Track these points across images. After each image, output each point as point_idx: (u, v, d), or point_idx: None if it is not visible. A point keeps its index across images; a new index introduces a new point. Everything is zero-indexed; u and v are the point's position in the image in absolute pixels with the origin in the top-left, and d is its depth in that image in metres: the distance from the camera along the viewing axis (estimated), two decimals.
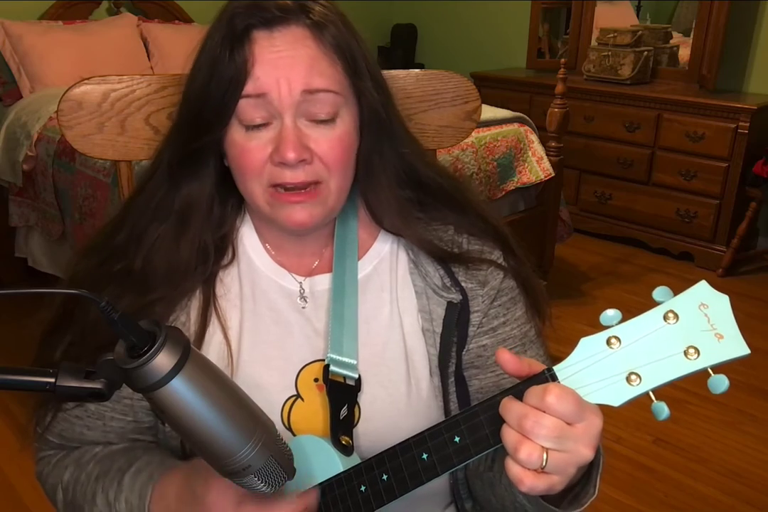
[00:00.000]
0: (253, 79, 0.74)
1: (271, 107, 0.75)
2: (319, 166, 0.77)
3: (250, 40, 0.74)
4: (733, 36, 3.35)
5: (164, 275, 0.81)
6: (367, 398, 0.82)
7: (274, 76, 0.73)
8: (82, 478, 0.83)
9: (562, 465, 0.60)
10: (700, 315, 0.61)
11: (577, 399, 0.61)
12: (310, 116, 0.76)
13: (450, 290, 0.84)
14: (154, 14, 3.55)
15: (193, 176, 0.81)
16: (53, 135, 2.59)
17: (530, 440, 0.59)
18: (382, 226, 0.86)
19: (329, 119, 0.76)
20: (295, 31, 0.75)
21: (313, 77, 0.74)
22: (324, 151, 0.76)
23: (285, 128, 0.75)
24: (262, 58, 0.73)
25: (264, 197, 0.79)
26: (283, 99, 0.74)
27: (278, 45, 0.74)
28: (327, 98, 0.75)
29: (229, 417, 0.58)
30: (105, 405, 0.83)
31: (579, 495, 0.70)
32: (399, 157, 0.84)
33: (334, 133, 0.77)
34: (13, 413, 2.25)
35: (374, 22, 4.67)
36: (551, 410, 0.60)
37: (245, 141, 0.76)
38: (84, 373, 0.56)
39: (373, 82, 0.79)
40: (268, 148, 0.76)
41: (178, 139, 0.80)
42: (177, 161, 0.81)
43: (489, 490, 0.83)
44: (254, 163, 0.76)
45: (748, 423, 2.32)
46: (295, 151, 0.74)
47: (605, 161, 3.62)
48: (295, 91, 0.74)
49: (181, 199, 0.82)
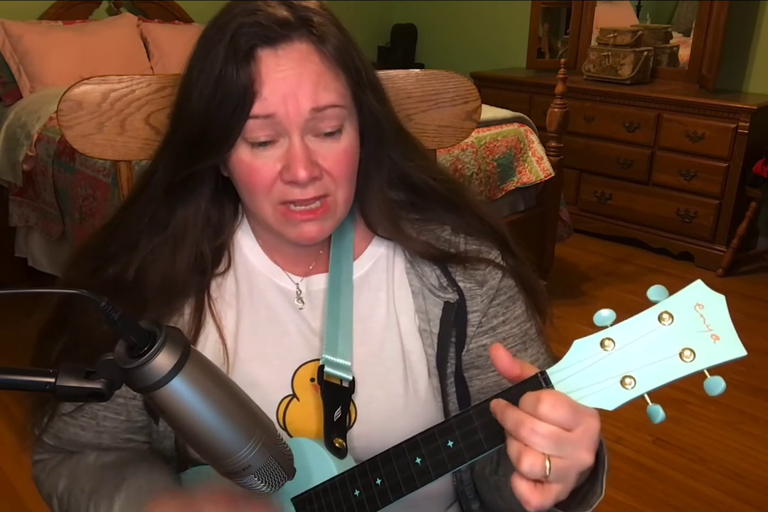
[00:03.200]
0: (260, 100, 0.73)
1: (279, 127, 0.74)
2: (327, 180, 0.77)
3: (255, 59, 0.72)
4: (733, 36, 3.35)
5: (159, 290, 0.80)
6: (363, 398, 0.82)
7: (281, 95, 0.73)
8: (75, 491, 0.83)
9: (564, 472, 0.60)
10: (696, 315, 0.60)
11: (572, 405, 0.60)
12: (316, 131, 0.75)
13: (447, 290, 0.84)
14: (154, 14, 3.55)
15: (190, 196, 0.81)
16: (53, 135, 2.59)
17: (531, 449, 0.59)
18: (375, 233, 0.87)
19: (335, 131, 0.76)
20: (299, 48, 0.74)
21: (320, 93, 0.73)
22: (331, 166, 0.76)
23: (294, 147, 0.74)
24: (268, 77, 0.72)
25: (274, 215, 0.78)
26: (291, 118, 0.73)
27: (283, 63, 0.73)
28: (333, 113, 0.75)
29: (229, 417, 0.59)
30: (98, 405, 0.83)
31: (587, 496, 0.70)
32: (393, 164, 0.84)
33: (339, 146, 0.77)
34: (13, 413, 2.25)
35: (374, 22, 4.67)
36: (546, 419, 0.59)
37: (252, 159, 0.75)
38: (84, 373, 0.56)
39: (374, 92, 0.80)
40: (276, 166, 0.75)
41: (179, 160, 0.78)
42: (175, 184, 0.79)
43: (496, 493, 0.83)
44: (263, 182, 0.76)
45: (748, 423, 2.32)
46: (307, 170, 0.74)
47: (605, 161, 3.62)
48: (303, 110, 0.73)
49: (177, 217, 0.81)
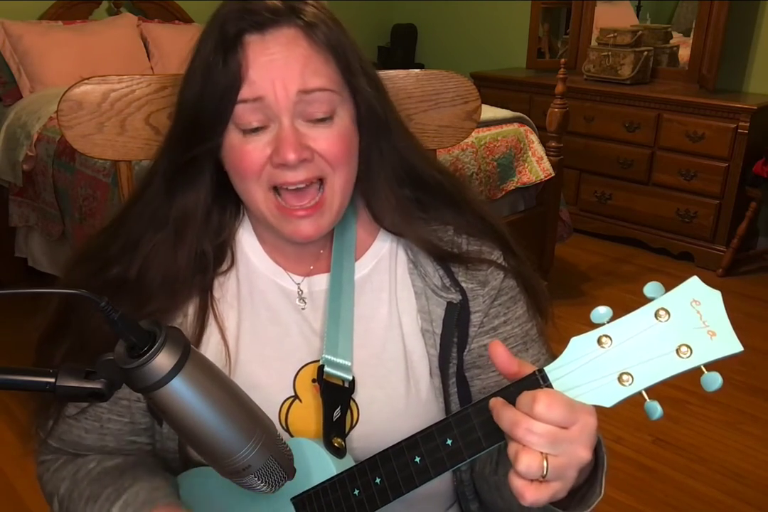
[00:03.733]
0: (248, 84, 0.73)
1: (269, 110, 0.74)
2: (321, 162, 0.77)
3: (243, 44, 0.73)
4: (733, 36, 3.35)
5: (161, 286, 0.80)
6: (365, 399, 0.82)
7: (269, 79, 0.73)
8: (74, 496, 0.83)
9: (562, 470, 0.60)
10: (692, 312, 0.60)
11: (568, 404, 0.60)
12: (307, 116, 0.75)
13: (449, 290, 0.84)
14: (154, 14, 3.55)
15: (189, 185, 0.81)
16: (53, 135, 2.59)
17: (528, 448, 0.59)
18: (382, 225, 0.86)
19: (326, 117, 0.76)
20: (287, 33, 0.74)
21: (308, 76, 0.74)
22: (324, 149, 0.76)
23: (283, 129, 0.74)
24: (255, 61, 0.73)
25: (267, 205, 0.78)
26: (279, 101, 0.74)
27: (271, 47, 0.73)
28: (323, 97, 0.75)
29: (229, 417, 0.59)
30: (102, 407, 0.83)
31: (586, 496, 0.70)
32: (398, 155, 0.83)
33: (332, 131, 0.76)
34: (14, 414, 2.24)
35: (374, 22, 4.67)
36: (542, 419, 0.59)
37: (243, 144, 0.76)
38: (84, 373, 0.56)
39: (367, 78, 0.79)
40: (266, 150, 0.75)
41: (175, 149, 0.80)
42: (173, 171, 0.80)
43: (496, 493, 0.83)
44: (253, 165, 0.76)
45: (748, 423, 2.32)
46: (295, 152, 0.74)
47: (605, 161, 3.62)
48: (291, 92, 0.73)
49: (177, 208, 0.81)
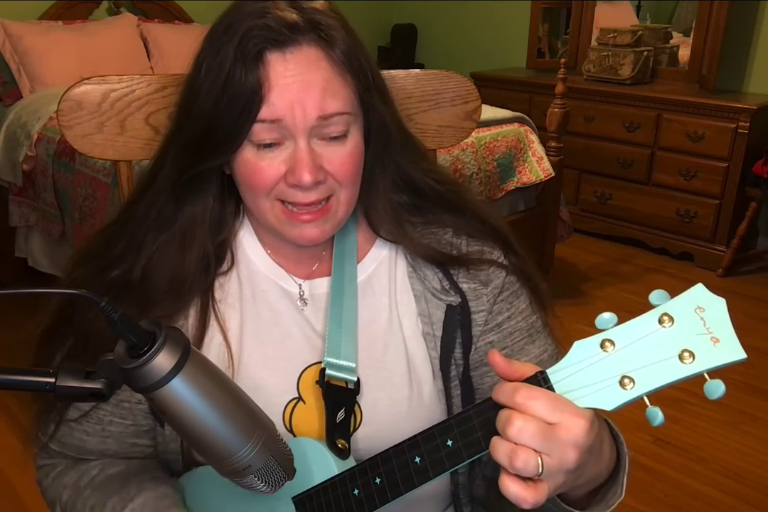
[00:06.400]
0: (267, 105, 0.73)
1: (285, 130, 0.74)
2: (331, 182, 0.77)
3: (264, 62, 0.72)
4: (733, 36, 3.35)
5: (167, 288, 0.80)
6: (368, 401, 0.82)
7: (288, 101, 0.73)
8: (78, 505, 0.83)
9: (553, 470, 0.59)
10: (696, 318, 0.60)
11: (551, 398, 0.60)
12: (322, 136, 0.76)
13: (449, 293, 0.84)
14: (154, 14, 3.55)
15: (199, 194, 0.81)
16: (53, 135, 2.59)
17: (522, 447, 0.59)
18: (378, 235, 0.87)
19: (340, 136, 0.76)
20: (307, 52, 0.74)
21: (327, 101, 0.74)
22: (336, 169, 0.77)
23: (299, 151, 0.74)
24: (276, 83, 0.72)
25: (273, 212, 0.79)
26: (297, 124, 0.74)
27: (292, 69, 0.73)
28: (340, 120, 0.75)
29: (229, 417, 0.59)
30: (104, 409, 0.83)
31: (607, 496, 0.70)
32: (398, 166, 0.84)
33: (345, 149, 0.77)
34: (15, 415, 2.24)
35: (374, 22, 4.67)
36: (522, 408, 0.59)
37: (257, 160, 0.76)
38: (84, 373, 0.56)
39: (380, 95, 0.80)
40: (281, 168, 0.76)
41: (183, 158, 0.79)
42: (181, 179, 0.79)
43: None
44: (266, 183, 0.76)
45: (748, 423, 2.32)
46: (312, 174, 0.74)
47: (605, 161, 3.62)
48: (310, 117, 0.73)
49: (185, 215, 0.81)
